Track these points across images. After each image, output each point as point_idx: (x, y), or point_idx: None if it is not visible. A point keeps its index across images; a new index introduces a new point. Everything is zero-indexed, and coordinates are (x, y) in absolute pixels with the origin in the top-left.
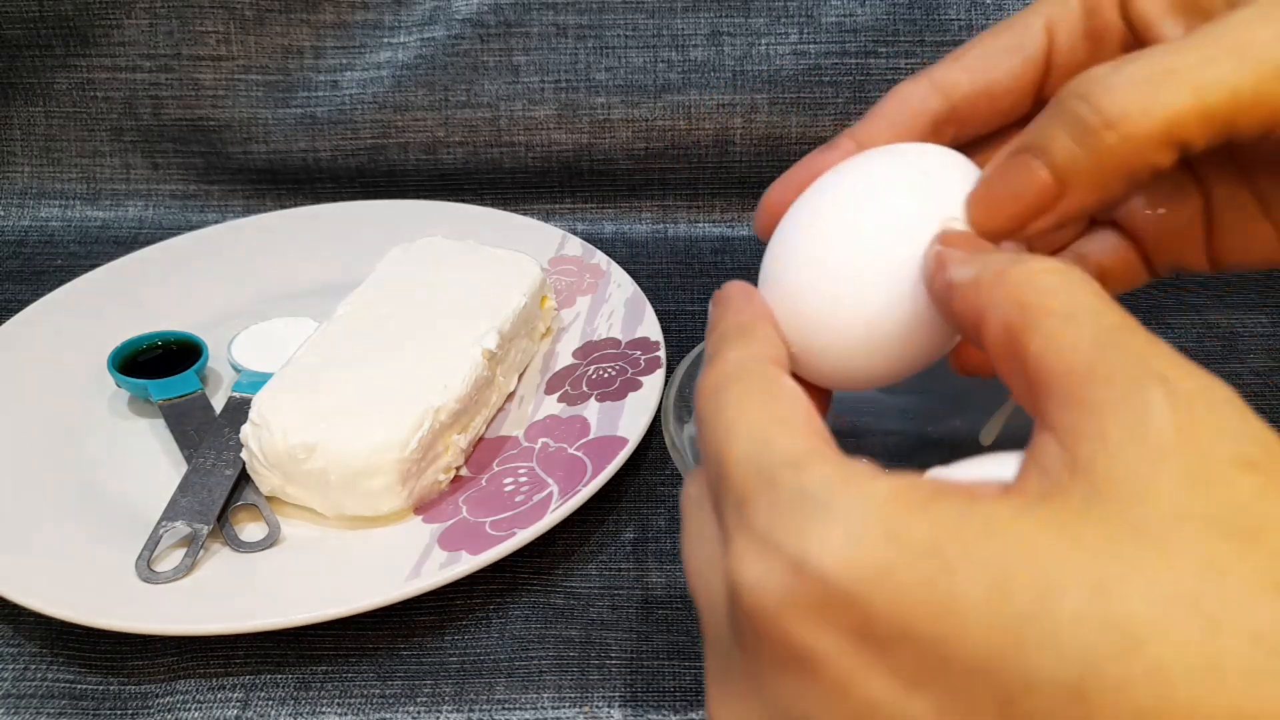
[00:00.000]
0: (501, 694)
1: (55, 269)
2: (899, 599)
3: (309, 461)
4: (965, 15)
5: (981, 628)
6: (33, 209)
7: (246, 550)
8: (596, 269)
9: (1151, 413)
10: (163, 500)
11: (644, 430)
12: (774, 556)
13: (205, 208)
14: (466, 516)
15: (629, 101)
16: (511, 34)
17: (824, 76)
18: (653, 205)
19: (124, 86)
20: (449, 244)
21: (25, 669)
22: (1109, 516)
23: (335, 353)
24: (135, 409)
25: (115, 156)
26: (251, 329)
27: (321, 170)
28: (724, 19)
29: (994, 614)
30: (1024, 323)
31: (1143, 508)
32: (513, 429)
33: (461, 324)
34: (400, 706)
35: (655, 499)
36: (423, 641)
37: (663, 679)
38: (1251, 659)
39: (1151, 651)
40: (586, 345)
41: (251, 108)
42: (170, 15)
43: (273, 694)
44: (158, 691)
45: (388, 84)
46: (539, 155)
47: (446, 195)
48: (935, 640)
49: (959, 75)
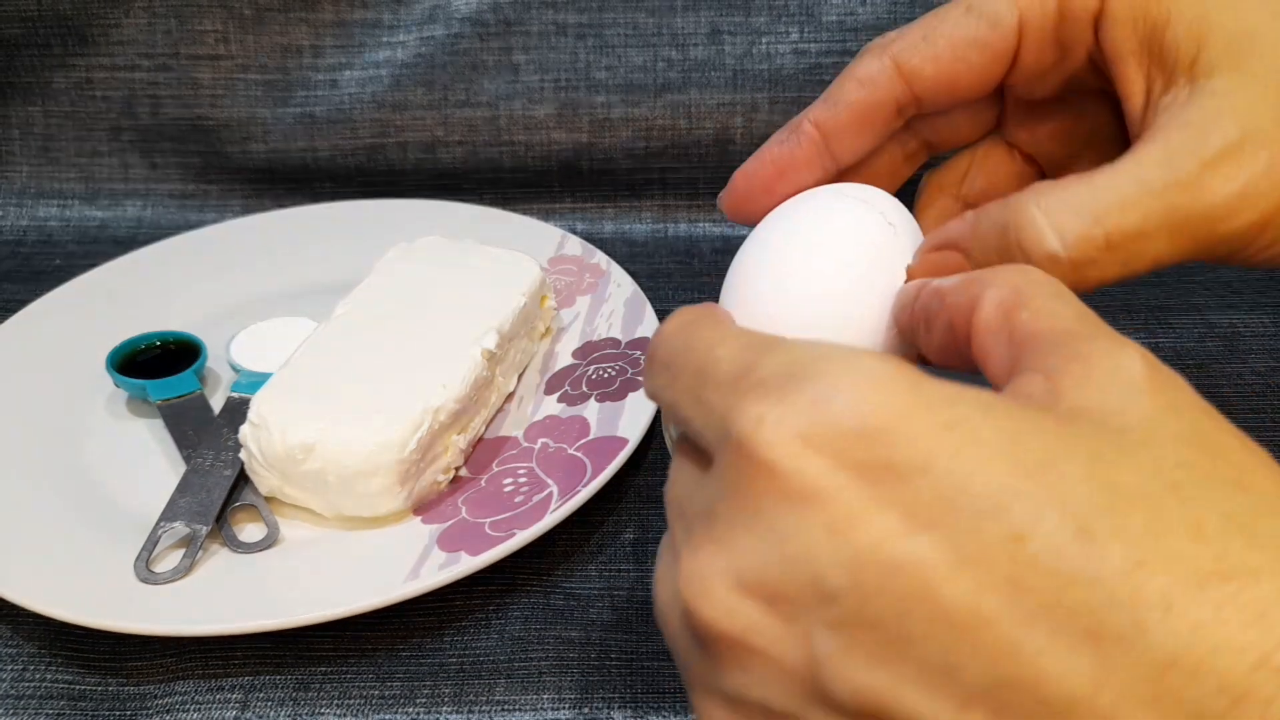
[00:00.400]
0: (501, 695)
1: (54, 269)
2: (922, 436)
3: (308, 462)
4: None
5: (999, 469)
6: (31, 209)
7: (245, 551)
8: (596, 269)
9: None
10: (161, 500)
11: (644, 430)
12: (791, 396)
13: (204, 207)
14: (466, 517)
15: (629, 101)
16: (511, 33)
17: (824, 76)
18: (653, 205)
19: (122, 86)
20: (448, 244)
21: (25, 669)
22: (1094, 421)
23: (334, 353)
24: (134, 409)
25: (113, 156)
26: (250, 329)
27: (320, 170)
28: (724, 18)
29: (1010, 460)
30: (1017, 300)
31: (1122, 419)
32: (512, 429)
33: (461, 324)
34: (400, 707)
35: (655, 499)
36: (422, 642)
37: (663, 680)
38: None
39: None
40: (586, 345)
41: (250, 107)
42: (169, 14)
43: (272, 694)
44: (157, 692)
45: (387, 83)
46: (538, 155)
47: (445, 195)
48: (953, 476)
49: (924, 64)
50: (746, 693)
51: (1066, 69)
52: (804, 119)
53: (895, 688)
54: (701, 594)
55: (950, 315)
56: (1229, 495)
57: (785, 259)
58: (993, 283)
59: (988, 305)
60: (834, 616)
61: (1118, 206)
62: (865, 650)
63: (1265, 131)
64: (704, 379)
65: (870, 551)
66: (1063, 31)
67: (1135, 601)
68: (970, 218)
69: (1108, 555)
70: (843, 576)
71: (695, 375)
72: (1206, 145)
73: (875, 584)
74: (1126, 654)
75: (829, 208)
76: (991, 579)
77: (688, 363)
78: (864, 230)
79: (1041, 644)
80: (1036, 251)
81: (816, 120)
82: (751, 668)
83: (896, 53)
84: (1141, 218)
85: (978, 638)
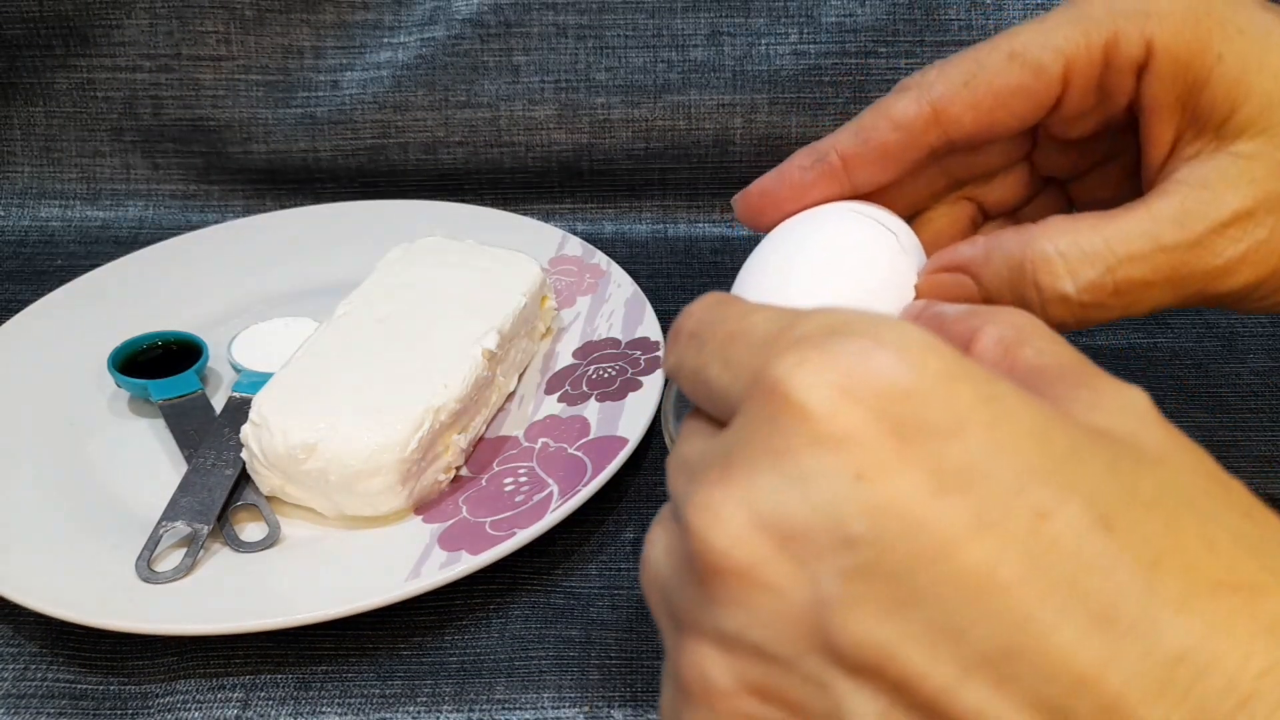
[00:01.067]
0: (501, 694)
1: (55, 269)
2: (961, 403)
3: (309, 461)
4: (965, 15)
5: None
6: (33, 209)
7: (246, 550)
8: (596, 269)
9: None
10: (163, 500)
11: (644, 430)
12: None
13: (205, 208)
14: (466, 516)
15: (629, 101)
16: (511, 34)
17: (824, 76)
18: (653, 205)
19: (124, 86)
20: (449, 244)
21: (25, 669)
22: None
23: (335, 353)
24: (135, 409)
25: (115, 156)
26: (251, 329)
27: (321, 170)
28: (724, 19)
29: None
30: (1018, 337)
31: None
32: (513, 429)
33: (461, 324)
34: (400, 706)
35: (655, 499)
36: (423, 641)
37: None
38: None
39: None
40: (586, 345)
41: (251, 108)
42: (170, 15)
43: (273, 694)
44: (158, 691)
45: (388, 84)
46: (539, 155)
47: (446, 195)
48: (986, 446)
49: (964, 112)
50: (744, 632)
51: (1104, 112)
52: (830, 149)
53: (900, 644)
54: (713, 524)
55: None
56: (1238, 521)
57: (794, 271)
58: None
59: (987, 339)
60: (849, 564)
61: (1128, 258)
62: (876, 602)
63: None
64: (735, 340)
65: (895, 504)
66: (1106, 80)
67: (1150, 595)
68: (982, 245)
69: (1126, 548)
70: (864, 525)
71: (726, 338)
72: (1220, 209)
73: (895, 537)
74: (1138, 642)
75: (839, 222)
76: (1011, 550)
77: (718, 330)
78: (872, 246)
79: (1053, 619)
80: (1050, 290)
81: (843, 154)
82: (754, 606)
83: (936, 99)
84: (1150, 270)
85: (990, 604)
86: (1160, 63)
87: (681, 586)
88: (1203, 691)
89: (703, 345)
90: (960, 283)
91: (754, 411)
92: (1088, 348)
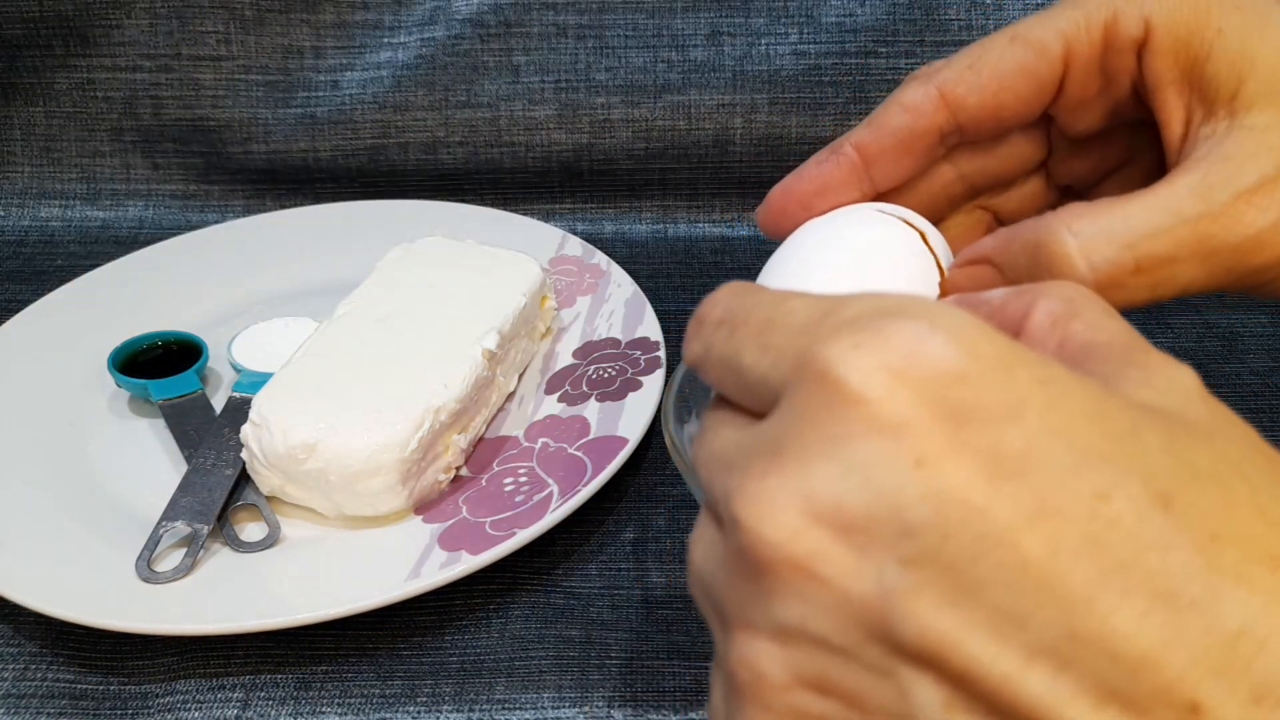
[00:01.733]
0: (501, 694)
1: (55, 269)
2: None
3: (309, 461)
4: (965, 15)
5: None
6: (33, 209)
7: (246, 550)
8: (596, 269)
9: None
10: (163, 500)
11: (644, 430)
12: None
13: (205, 208)
14: (466, 516)
15: (629, 101)
16: (511, 34)
17: (824, 76)
18: (653, 205)
19: (124, 86)
20: (449, 244)
21: (25, 669)
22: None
23: (335, 353)
24: (135, 409)
25: (115, 156)
26: (251, 329)
27: (321, 170)
28: (724, 19)
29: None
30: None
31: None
32: (513, 429)
33: (461, 324)
34: (400, 706)
35: (655, 499)
36: (423, 641)
37: (663, 679)
38: None
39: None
40: (586, 345)
41: (251, 108)
42: (170, 15)
43: (273, 694)
44: (158, 691)
45: (388, 84)
46: (539, 155)
47: (446, 195)
48: (1044, 429)
49: (969, 93)
50: (802, 625)
51: (1110, 98)
52: (845, 141)
53: (962, 632)
54: (768, 516)
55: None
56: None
57: (815, 269)
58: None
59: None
60: (910, 552)
61: (1149, 233)
62: (937, 590)
63: None
64: (773, 326)
65: (955, 491)
66: (1107, 60)
67: (1210, 571)
68: (1003, 235)
69: (1185, 524)
70: (924, 512)
71: (763, 324)
72: (1242, 178)
73: (956, 524)
74: (1199, 619)
75: (862, 222)
76: (1071, 533)
77: (752, 315)
78: (896, 245)
79: (1115, 601)
80: (1064, 274)
81: (858, 144)
82: (812, 597)
83: (942, 81)
84: (1173, 245)
85: (1052, 589)
86: (1159, 39)
87: (730, 582)
88: (1264, 665)
89: (734, 331)
90: (984, 274)
91: (803, 398)
92: None
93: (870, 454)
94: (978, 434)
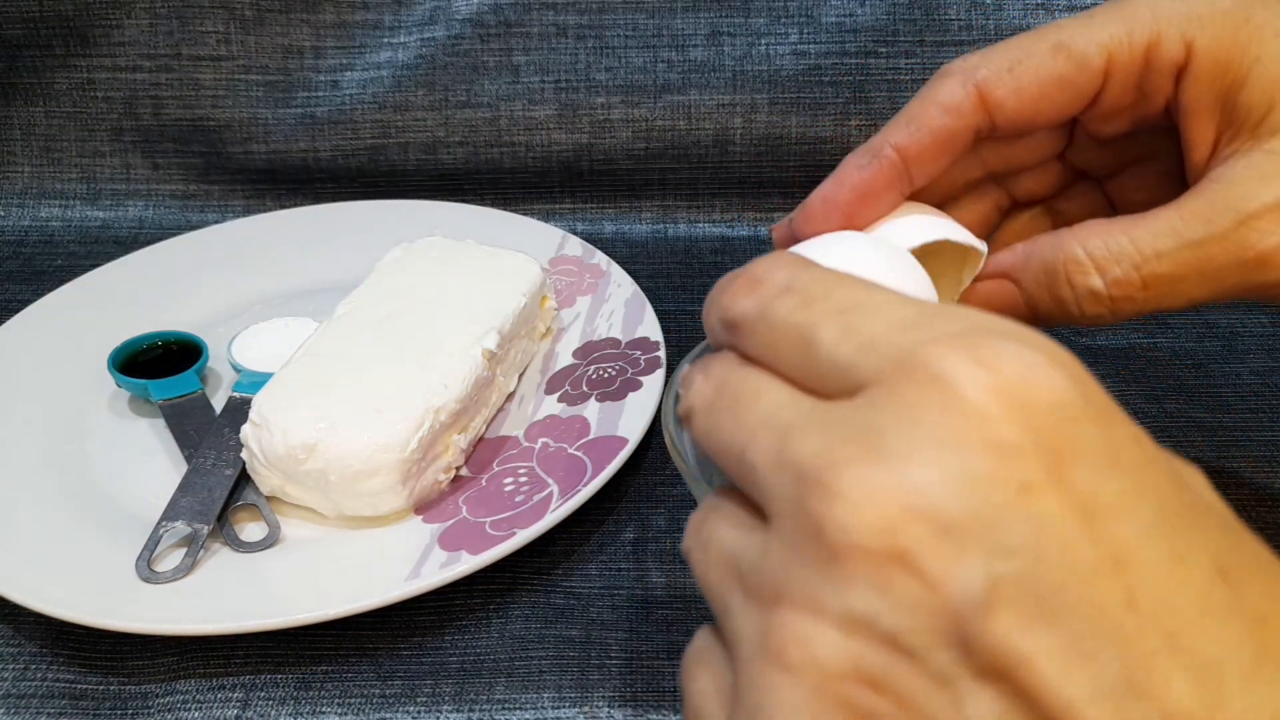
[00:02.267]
0: (501, 694)
1: (55, 269)
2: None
3: (309, 462)
4: (965, 15)
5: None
6: (33, 209)
7: (246, 550)
8: (596, 269)
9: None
10: (163, 500)
11: (644, 430)
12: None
13: (205, 208)
14: (466, 516)
15: (629, 101)
16: (511, 34)
17: (824, 76)
18: (653, 205)
19: (124, 86)
20: (449, 244)
21: (25, 669)
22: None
23: (335, 353)
24: (135, 409)
25: (115, 156)
26: (251, 329)
27: (321, 170)
28: (724, 19)
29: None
30: None
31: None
32: (513, 429)
33: (461, 324)
34: (400, 706)
35: (655, 499)
36: (423, 641)
37: (663, 679)
38: None
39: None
40: (586, 345)
41: (251, 108)
42: (170, 15)
43: (273, 694)
44: (158, 691)
45: (388, 84)
46: (539, 155)
47: (446, 195)
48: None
49: (1008, 97)
50: (875, 617)
51: (1140, 111)
52: (884, 144)
53: (1039, 652)
54: (867, 505)
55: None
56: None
57: None
58: None
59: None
60: (1004, 570)
61: (1154, 255)
62: (1023, 611)
63: None
64: (864, 312)
65: (1055, 524)
66: (1145, 79)
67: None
68: (1021, 251)
69: (1240, 603)
70: (1023, 537)
71: (849, 305)
72: (1250, 201)
73: (1051, 555)
74: (1245, 697)
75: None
76: (1148, 589)
77: (834, 294)
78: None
79: (1170, 662)
80: (1082, 288)
81: (898, 146)
82: (895, 592)
83: (981, 81)
84: (1177, 266)
85: (1123, 637)
86: (1199, 65)
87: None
88: None
89: (809, 304)
90: (1004, 289)
91: (910, 396)
92: (1088, 348)
93: (980, 468)
94: (1080, 474)
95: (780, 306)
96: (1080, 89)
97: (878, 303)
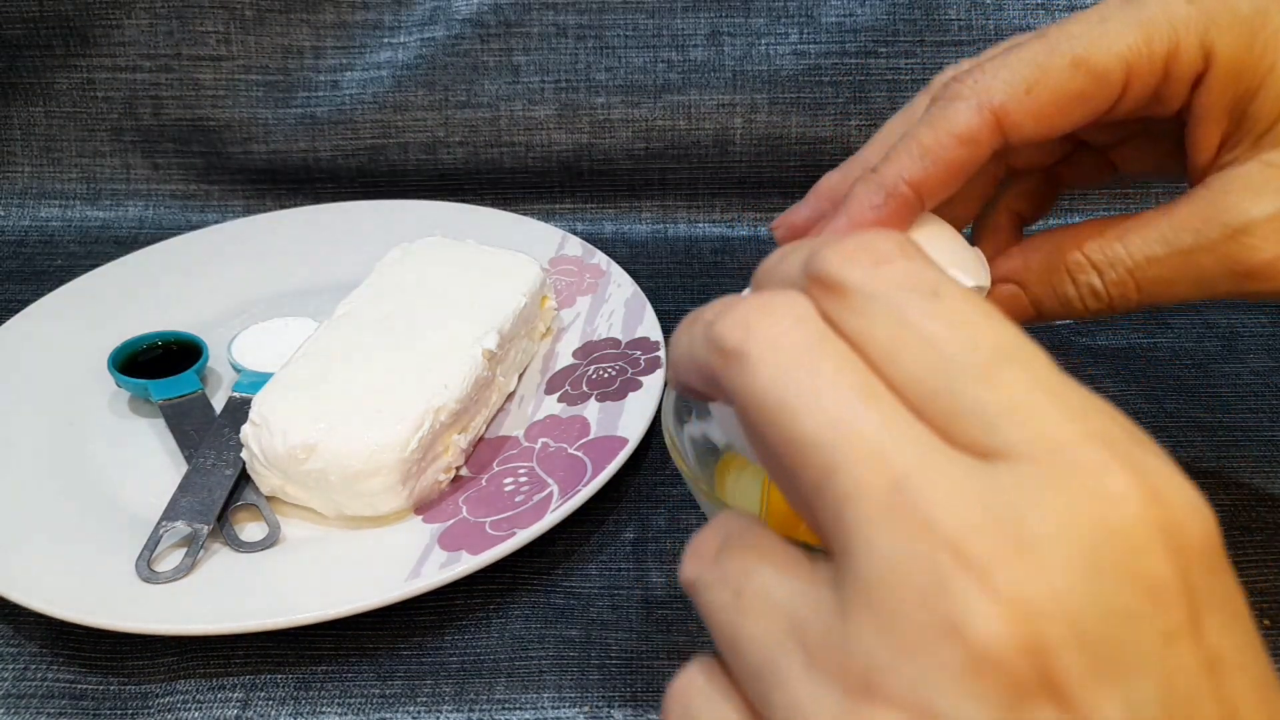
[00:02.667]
0: (501, 694)
1: (55, 269)
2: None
3: (309, 462)
4: (965, 15)
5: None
6: (33, 209)
7: (246, 550)
8: (596, 269)
9: None
10: (163, 500)
11: (644, 430)
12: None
13: (205, 208)
14: (466, 516)
15: (629, 101)
16: (511, 34)
17: (824, 76)
18: (653, 205)
19: (124, 86)
20: (449, 244)
21: (25, 669)
22: None
23: (335, 353)
24: (135, 409)
25: (115, 156)
26: (251, 329)
27: (321, 170)
28: (724, 19)
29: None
30: None
31: None
32: (513, 429)
33: (461, 324)
34: (400, 706)
35: (655, 499)
36: (423, 641)
37: (663, 679)
38: None
39: None
40: (586, 345)
41: (251, 108)
42: (170, 15)
43: (273, 694)
44: (158, 691)
45: (388, 84)
46: (539, 155)
47: (446, 195)
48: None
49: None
50: None
51: (1151, 112)
52: (898, 180)
53: None
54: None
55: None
56: None
57: None
58: None
59: None
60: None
61: (1146, 262)
62: None
63: None
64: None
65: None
66: (1163, 88)
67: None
68: (1019, 255)
69: None
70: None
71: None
72: (1237, 216)
73: (1179, 709)
74: None
75: None
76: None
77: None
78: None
79: None
80: (1085, 287)
81: (913, 182)
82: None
83: (998, 107)
84: (1168, 271)
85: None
86: (1216, 73)
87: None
88: None
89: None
90: (1013, 293)
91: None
92: (1089, 348)
93: (1135, 606)
94: (1210, 623)
95: (913, 304)
96: (1098, 103)
97: (1027, 358)
